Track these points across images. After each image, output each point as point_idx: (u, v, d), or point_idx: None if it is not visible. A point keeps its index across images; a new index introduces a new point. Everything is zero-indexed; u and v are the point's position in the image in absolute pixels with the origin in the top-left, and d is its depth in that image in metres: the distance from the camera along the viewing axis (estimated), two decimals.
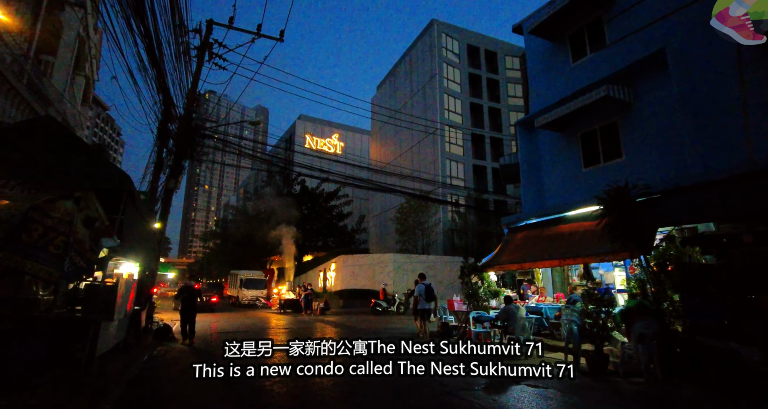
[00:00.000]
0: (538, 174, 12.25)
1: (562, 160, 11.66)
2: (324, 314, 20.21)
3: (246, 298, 26.21)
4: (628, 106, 10.10)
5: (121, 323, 7.21)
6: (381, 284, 21.11)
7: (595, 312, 7.18)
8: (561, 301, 10.72)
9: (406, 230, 28.35)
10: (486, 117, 36.62)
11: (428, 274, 25.43)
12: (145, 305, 9.77)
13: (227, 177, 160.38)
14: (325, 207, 36.69)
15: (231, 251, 36.82)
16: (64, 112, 13.36)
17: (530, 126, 12.71)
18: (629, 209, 7.40)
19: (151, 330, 10.60)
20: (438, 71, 34.76)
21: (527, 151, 12.64)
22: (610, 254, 7.94)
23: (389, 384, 5.82)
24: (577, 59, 11.81)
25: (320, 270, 28.57)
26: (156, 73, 9.09)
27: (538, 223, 11.07)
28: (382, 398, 5.36)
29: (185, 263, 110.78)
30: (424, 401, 5.23)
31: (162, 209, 12.01)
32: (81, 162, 4.84)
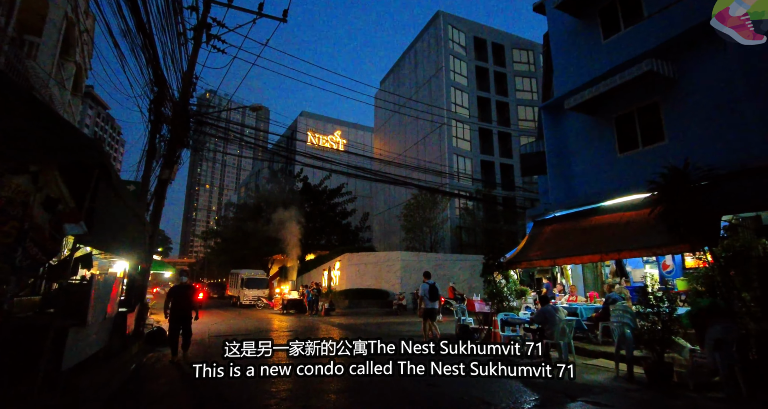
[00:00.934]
0: (567, 162, 11.21)
1: (593, 146, 10.62)
2: (329, 315, 19.20)
3: (247, 298, 25.24)
4: (671, 84, 9.05)
5: (102, 328, 6.20)
6: (449, 282, 19.42)
7: (654, 313, 6.14)
8: (596, 300, 9.70)
9: (414, 226, 27.26)
10: (493, 111, 35.55)
11: (438, 273, 24.48)
12: (134, 307, 8.76)
13: (229, 176, 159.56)
14: (329, 204, 35.67)
15: (232, 250, 35.84)
16: (50, 98, 12.35)
17: (556, 110, 11.67)
18: (690, 194, 6.36)
19: (142, 334, 9.61)
20: (444, 64, 33.71)
21: (554, 138, 11.60)
22: (666, 246, 6.91)
23: (430, 397, 4.87)
24: (609, 36, 10.75)
25: (324, 269, 27.56)
26: (145, 40, 8.09)
27: (569, 215, 10.04)
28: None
29: (186, 263, 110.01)
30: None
31: (155, 202, 11.00)
32: (39, 128, 3.81)
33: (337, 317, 18.42)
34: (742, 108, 7.69)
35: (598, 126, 10.58)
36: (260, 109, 11.93)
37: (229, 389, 5.30)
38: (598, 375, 6.53)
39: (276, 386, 5.42)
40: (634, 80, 8.93)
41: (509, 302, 9.68)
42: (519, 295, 9.90)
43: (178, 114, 11.22)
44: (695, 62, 8.77)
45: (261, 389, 5.30)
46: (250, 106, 11.94)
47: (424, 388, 5.41)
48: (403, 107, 39.83)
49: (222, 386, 5.36)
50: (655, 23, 9.50)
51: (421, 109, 36.63)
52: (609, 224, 8.68)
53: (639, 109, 9.78)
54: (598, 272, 10.81)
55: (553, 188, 11.22)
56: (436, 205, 26.89)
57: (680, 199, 6.39)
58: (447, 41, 34.52)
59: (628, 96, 9.80)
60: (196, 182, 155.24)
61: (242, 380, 4.30)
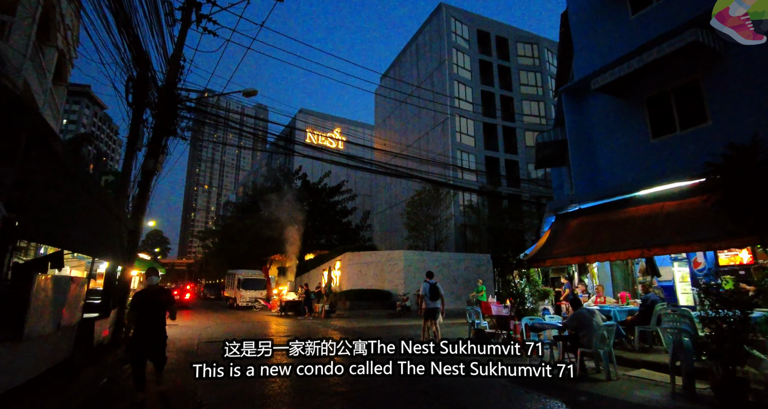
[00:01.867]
0: (591, 150, 10.21)
1: (622, 132, 9.62)
2: (329, 317, 18.19)
3: (244, 299, 24.23)
4: (715, 58, 8.05)
5: (58, 339, 5.18)
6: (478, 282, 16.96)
7: (721, 318, 5.13)
8: (628, 301, 8.69)
9: (417, 225, 26.20)
10: (498, 106, 34.54)
11: (443, 272, 23.44)
12: (110, 311, 7.73)
13: (227, 176, 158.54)
14: (328, 203, 34.64)
15: (229, 250, 34.83)
16: (25, 83, 11.31)
17: (579, 93, 10.67)
18: (762, 176, 5.36)
19: (121, 342, 8.58)
20: (447, 57, 32.69)
21: (576, 124, 10.59)
22: (725, 239, 5.91)
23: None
24: (638, 10, 9.75)
25: (324, 269, 26.51)
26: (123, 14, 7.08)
27: (598, 207, 9.02)
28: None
29: (185, 264, 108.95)
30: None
31: (139, 195, 9.97)
32: None
33: (337, 319, 17.39)
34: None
35: (627, 109, 9.58)
36: (254, 93, 10.92)
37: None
38: (652, 391, 5.52)
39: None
40: (675, 54, 7.92)
41: (529, 305, 8.68)
42: (542, 296, 8.89)
43: (164, 99, 10.21)
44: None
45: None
46: (244, 91, 10.93)
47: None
48: (404, 102, 38.84)
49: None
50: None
51: (424, 103, 35.63)
52: (647, 216, 7.67)
53: (676, 89, 8.78)
54: (629, 270, 9.81)
55: (577, 179, 10.21)
56: (441, 202, 25.84)
57: (748, 182, 5.39)
58: (450, 34, 33.50)
59: (664, 74, 8.80)
60: (195, 183, 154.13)
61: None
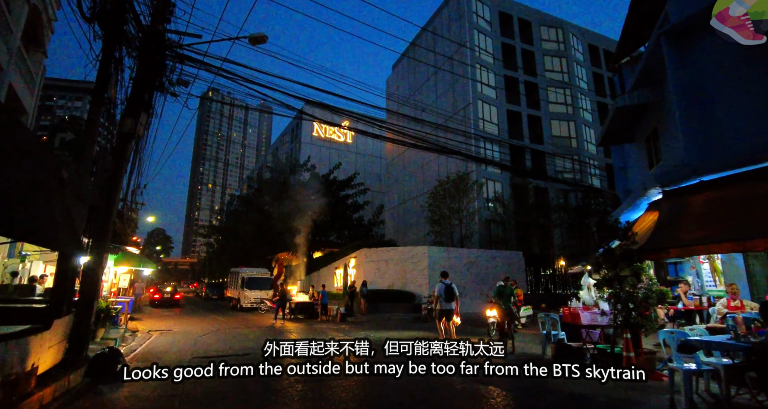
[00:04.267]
0: (709, 107, 7.75)
1: (759, 81, 7.16)
2: (345, 322, 15.81)
3: (248, 300, 21.88)
4: None
5: None
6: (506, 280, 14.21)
7: None
8: None
9: (440, 218, 23.67)
10: (522, 92, 32.04)
11: (471, 271, 20.92)
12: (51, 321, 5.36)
13: (231, 175, 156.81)
14: (339, 197, 32.32)
15: (233, 248, 32.65)
16: None
17: (687, 36, 8.21)
18: None
19: (85, 360, 6.25)
20: (469, 39, 30.25)
21: (683, 76, 8.13)
22: None
23: None
24: None
25: (336, 267, 24.13)
26: None
27: (733, 178, 6.58)
28: None
29: (188, 263, 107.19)
30: None
31: (114, 165, 7.63)
32: None
33: (355, 325, 15.02)
34: None
35: (764, 50, 7.11)
36: (264, 40, 8.55)
37: None
38: None
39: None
40: None
41: (648, 310, 6.24)
42: (659, 299, 6.45)
43: (148, 41, 7.86)
44: None
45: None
46: (250, 36, 8.57)
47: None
48: (418, 91, 36.43)
49: None
50: None
51: (443, 89, 33.21)
52: None
53: None
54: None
55: (688, 144, 7.73)
56: (467, 193, 23.32)
57: None
58: (471, 14, 31.06)
59: None
60: (199, 181, 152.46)
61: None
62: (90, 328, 6.91)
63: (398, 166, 39.52)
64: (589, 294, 10.59)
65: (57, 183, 4.52)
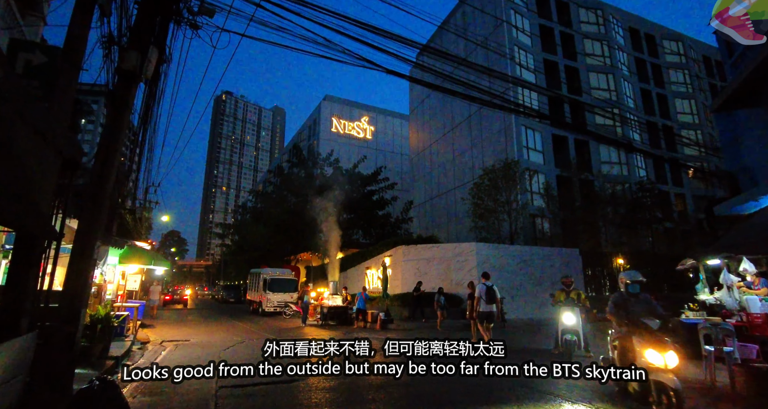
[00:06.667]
0: None
1: None
2: (386, 329, 13.49)
3: (272, 304, 19.73)
4: None
5: None
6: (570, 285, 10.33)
7: None
8: None
9: (485, 212, 21.10)
10: (563, 78, 29.43)
11: (524, 271, 18.28)
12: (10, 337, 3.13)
13: (245, 178, 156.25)
14: (364, 193, 30.10)
15: (251, 246, 30.66)
16: None
17: None
18: None
19: (62, 401, 4.03)
20: (505, 18, 27.81)
21: None
22: None
23: None
24: None
25: (367, 267, 21.81)
26: None
27: None
28: None
29: (203, 265, 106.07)
30: None
31: (111, 115, 5.46)
32: None
33: (399, 333, 12.67)
34: None
35: None
36: None
37: None
38: None
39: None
40: None
41: None
42: None
43: None
44: None
45: None
46: None
47: None
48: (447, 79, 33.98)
49: None
50: None
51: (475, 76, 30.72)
52: None
53: None
54: None
55: None
56: (515, 183, 20.74)
57: None
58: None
59: None
60: (213, 184, 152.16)
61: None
62: (75, 348, 4.71)
63: (425, 160, 37.19)
64: (731, 295, 8.12)
65: (18, 119, 2.30)
